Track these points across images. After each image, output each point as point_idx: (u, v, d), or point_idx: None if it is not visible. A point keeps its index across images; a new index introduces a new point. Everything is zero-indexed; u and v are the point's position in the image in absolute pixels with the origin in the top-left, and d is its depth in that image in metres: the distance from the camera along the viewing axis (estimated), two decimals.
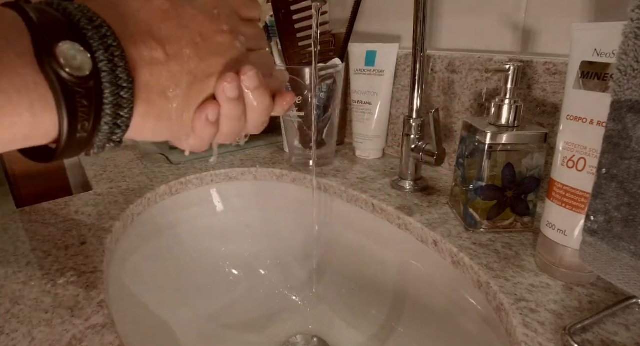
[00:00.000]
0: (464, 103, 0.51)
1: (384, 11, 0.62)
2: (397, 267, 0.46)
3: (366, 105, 0.59)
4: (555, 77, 0.41)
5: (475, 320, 0.36)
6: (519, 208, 0.39)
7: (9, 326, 0.29)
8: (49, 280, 0.34)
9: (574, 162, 0.30)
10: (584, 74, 0.29)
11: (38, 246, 0.39)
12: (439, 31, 0.54)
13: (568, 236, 0.31)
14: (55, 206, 0.47)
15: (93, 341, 0.27)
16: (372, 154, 0.61)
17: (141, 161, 0.60)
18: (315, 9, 0.41)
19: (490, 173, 0.38)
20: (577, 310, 0.29)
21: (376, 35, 0.64)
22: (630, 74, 0.22)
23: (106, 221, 0.43)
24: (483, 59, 0.48)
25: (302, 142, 0.57)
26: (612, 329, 0.27)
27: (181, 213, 0.53)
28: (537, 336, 0.27)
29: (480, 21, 0.50)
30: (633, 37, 0.21)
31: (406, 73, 0.58)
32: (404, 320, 0.45)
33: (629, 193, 0.23)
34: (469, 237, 0.39)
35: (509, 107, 0.38)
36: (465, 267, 0.36)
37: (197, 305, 0.50)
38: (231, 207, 0.57)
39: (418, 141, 0.48)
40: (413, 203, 0.46)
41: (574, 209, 0.31)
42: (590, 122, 0.29)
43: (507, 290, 0.31)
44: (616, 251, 0.24)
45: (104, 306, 0.31)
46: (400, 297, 0.46)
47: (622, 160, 0.23)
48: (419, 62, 0.46)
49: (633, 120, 0.22)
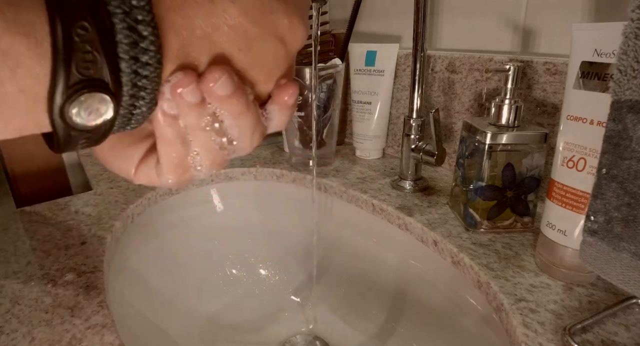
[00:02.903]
0: (464, 103, 0.51)
1: (384, 11, 0.62)
2: (397, 267, 0.46)
3: (366, 105, 0.59)
4: (555, 77, 0.41)
5: (475, 320, 0.36)
6: (519, 209, 0.39)
7: (9, 326, 0.29)
8: (49, 280, 0.34)
9: (574, 162, 0.30)
10: (584, 74, 0.29)
11: (38, 246, 0.39)
12: (439, 31, 0.54)
13: (568, 236, 0.31)
14: (55, 206, 0.47)
15: (93, 341, 0.27)
16: (372, 154, 0.61)
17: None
18: (315, 9, 0.41)
19: (491, 173, 0.38)
20: (577, 310, 0.29)
21: (376, 35, 0.64)
22: (630, 74, 0.22)
23: (106, 221, 0.43)
24: (483, 59, 0.48)
25: (302, 142, 0.57)
26: (612, 329, 0.27)
27: (181, 213, 0.53)
28: (537, 337, 0.27)
29: (480, 21, 0.50)
30: (633, 37, 0.21)
31: (406, 73, 0.58)
32: (404, 320, 0.45)
33: (629, 193, 0.23)
34: (469, 237, 0.39)
35: (509, 107, 0.38)
36: (465, 267, 0.36)
37: (197, 305, 0.50)
38: (231, 207, 0.57)
39: (418, 141, 0.48)
40: (413, 203, 0.46)
41: (574, 209, 0.31)
42: (591, 122, 0.29)
43: (507, 290, 0.31)
44: (616, 251, 0.24)
45: (104, 306, 0.31)
46: (400, 297, 0.46)
47: (622, 160, 0.23)
48: (419, 62, 0.46)
49: (633, 120, 0.22)
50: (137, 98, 0.16)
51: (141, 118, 0.17)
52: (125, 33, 0.14)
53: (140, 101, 0.16)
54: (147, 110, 0.17)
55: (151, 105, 0.16)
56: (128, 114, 0.16)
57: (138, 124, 0.17)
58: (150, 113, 0.17)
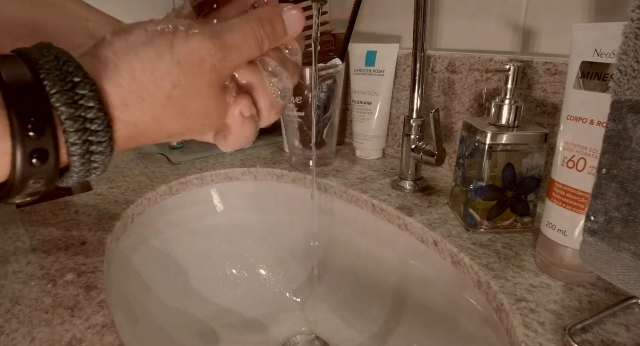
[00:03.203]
0: (464, 103, 0.51)
1: (384, 11, 0.62)
2: (397, 267, 0.46)
3: (366, 105, 0.59)
4: (555, 77, 0.41)
5: (475, 320, 0.36)
6: (519, 208, 0.39)
7: (9, 326, 0.29)
8: (49, 280, 0.34)
9: (574, 162, 0.30)
10: (584, 74, 0.29)
11: (38, 246, 0.39)
12: (439, 31, 0.54)
13: (568, 236, 0.31)
14: (55, 206, 0.47)
15: (93, 341, 0.27)
16: (372, 154, 0.61)
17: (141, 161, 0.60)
18: (315, 9, 0.41)
19: (491, 173, 0.38)
20: (577, 310, 0.29)
21: (376, 35, 0.64)
22: (630, 74, 0.22)
23: (106, 221, 0.43)
24: (483, 59, 0.48)
25: (302, 142, 0.57)
26: (612, 329, 0.27)
27: (181, 213, 0.53)
28: (537, 337, 0.27)
29: (480, 21, 0.50)
30: (633, 37, 0.21)
31: (406, 73, 0.58)
32: (404, 320, 0.45)
33: (629, 193, 0.23)
34: (469, 237, 0.39)
35: (509, 107, 0.38)
36: (465, 267, 0.36)
37: (197, 305, 0.50)
38: (231, 207, 0.57)
39: (418, 141, 0.48)
40: (413, 203, 0.46)
41: (574, 209, 0.31)
42: (591, 122, 0.29)
43: (507, 290, 0.31)
44: (616, 251, 0.24)
45: (104, 306, 0.31)
46: (400, 297, 0.46)
47: (622, 160, 0.23)
48: (419, 62, 0.46)
49: (633, 120, 0.22)
50: (91, 154, 0.18)
51: (101, 163, 0.19)
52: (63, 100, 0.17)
53: (95, 156, 0.19)
54: (105, 158, 0.19)
55: (107, 154, 0.19)
56: (86, 165, 0.19)
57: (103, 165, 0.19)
58: (109, 156, 0.19)
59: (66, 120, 0.17)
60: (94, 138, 0.18)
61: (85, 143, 0.18)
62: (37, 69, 0.17)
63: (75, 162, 0.18)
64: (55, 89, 0.17)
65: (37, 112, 0.16)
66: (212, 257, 0.54)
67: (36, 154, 0.17)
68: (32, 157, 0.17)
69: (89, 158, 0.18)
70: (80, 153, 0.18)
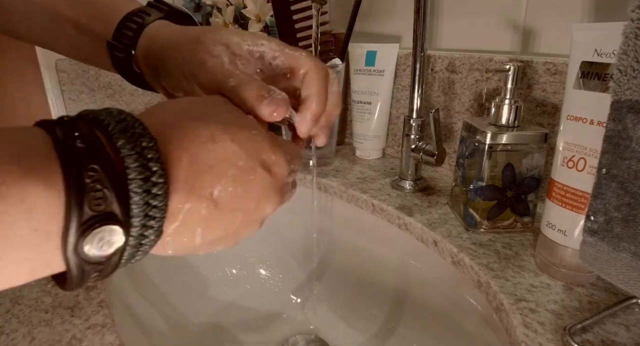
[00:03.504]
0: (464, 103, 0.51)
1: (384, 11, 0.62)
2: (397, 267, 0.46)
3: (366, 105, 0.59)
4: (555, 77, 0.41)
5: (475, 320, 0.36)
6: (519, 208, 0.39)
7: (9, 326, 0.29)
8: (49, 280, 0.33)
9: (574, 162, 0.30)
10: (584, 74, 0.29)
11: None
12: (439, 31, 0.54)
13: (568, 236, 0.31)
14: None
15: (93, 341, 0.27)
16: (372, 154, 0.61)
17: None
18: (315, 9, 0.41)
19: (491, 173, 0.38)
20: (577, 310, 0.29)
21: (376, 35, 0.64)
22: (630, 74, 0.22)
23: None
24: (483, 59, 0.48)
25: None
26: (612, 329, 0.27)
27: None
28: (537, 337, 0.27)
29: (480, 21, 0.50)
30: (633, 37, 0.21)
31: (406, 73, 0.58)
32: (404, 320, 0.45)
33: (629, 193, 0.23)
34: (469, 237, 0.39)
35: (509, 107, 0.38)
36: (465, 267, 0.36)
37: (197, 305, 0.50)
38: None
39: (418, 141, 0.48)
40: (413, 203, 0.46)
41: (574, 209, 0.31)
42: (591, 122, 0.29)
43: (507, 290, 0.31)
44: (616, 251, 0.24)
45: (104, 306, 0.31)
46: (400, 297, 0.46)
47: (622, 160, 0.23)
48: (419, 62, 0.46)
49: (633, 120, 0.22)
50: (146, 228, 0.17)
51: (148, 248, 0.18)
52: (138, 170, 0.16)
53: (149, 230, 0.17)
54: (155, 239, 0.18)
55: (158, 233, 0.18)
56: (137, 244, 0.18)
57: (144, 255, 0.19)
58: (156, 243, 0.18)
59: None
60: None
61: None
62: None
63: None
64: None
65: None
66: (212, 256, 0.54)
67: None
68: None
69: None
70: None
